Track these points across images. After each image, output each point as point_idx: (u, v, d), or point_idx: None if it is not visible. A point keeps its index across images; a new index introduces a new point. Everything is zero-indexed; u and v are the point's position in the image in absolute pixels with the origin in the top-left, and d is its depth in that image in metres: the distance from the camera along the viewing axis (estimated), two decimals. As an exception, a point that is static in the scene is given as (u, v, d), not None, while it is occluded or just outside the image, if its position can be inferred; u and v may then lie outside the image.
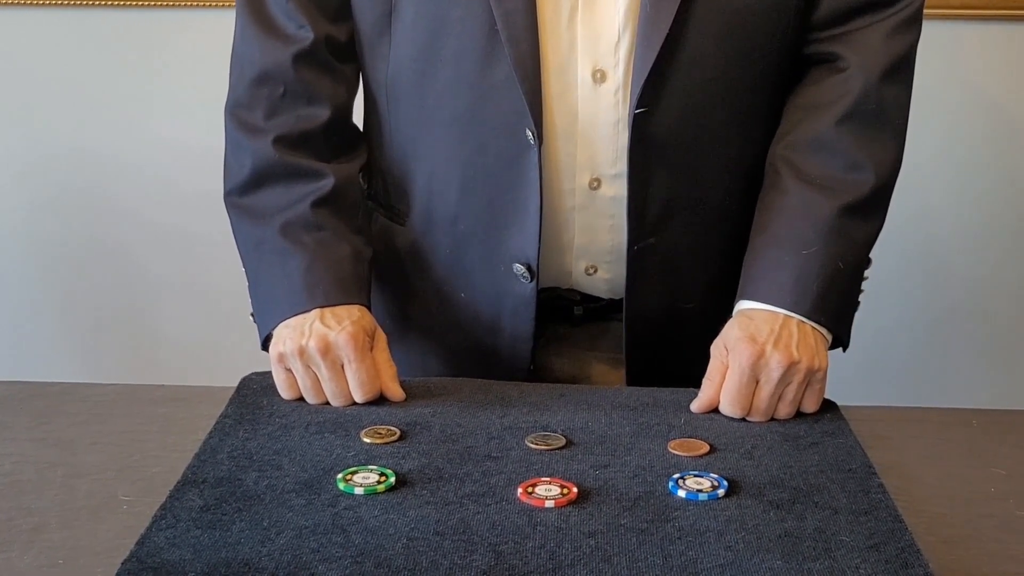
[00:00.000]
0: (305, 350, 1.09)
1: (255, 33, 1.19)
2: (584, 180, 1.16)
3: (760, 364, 1.07)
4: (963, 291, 2.20)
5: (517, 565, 0.82)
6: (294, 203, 1.16)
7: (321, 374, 1.09)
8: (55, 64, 2.14)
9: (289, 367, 1.10)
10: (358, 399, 1.09)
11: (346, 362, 1.09)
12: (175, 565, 0.81)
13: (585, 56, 1.11)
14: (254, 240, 1.18)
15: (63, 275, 2.24)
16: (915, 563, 0.83)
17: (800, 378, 1.07)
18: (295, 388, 1.11)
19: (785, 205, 1.15)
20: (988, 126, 2.11)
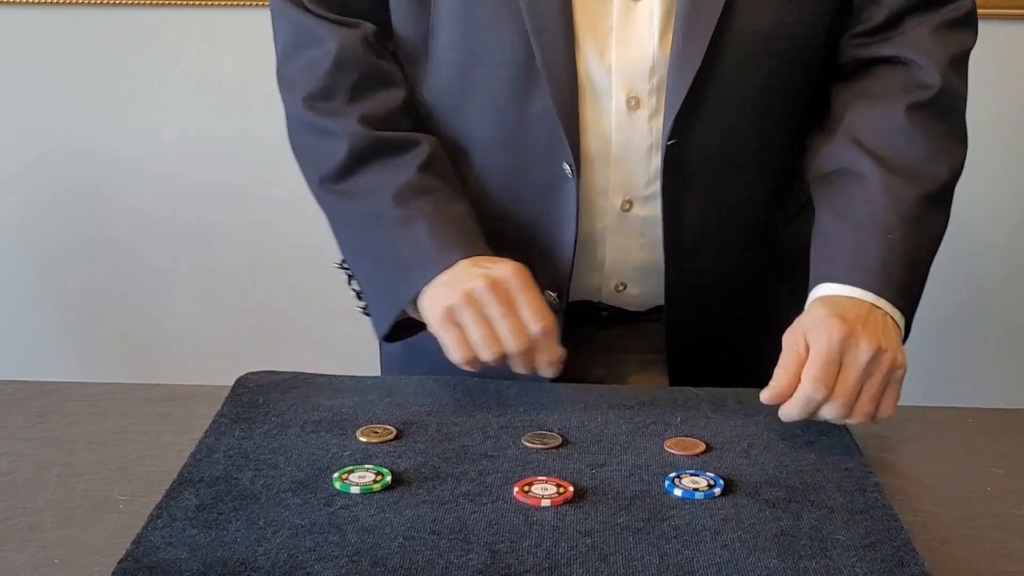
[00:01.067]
0: (472, 292, 1.04)
1: (318, 24, 1.16)
2: (616, 202, 1.16)
3: (849, 343, 0.99)
4: (961, 290, 2.20)
5: (513, 564, 0.82)
6: (399, 173, 1.13)
7: (493, 312, 1.04)
8: (52, 63, 2.14)
9: (459, 321, 1.05)
10: (536, 331, 1.04)
11: (517, 293, 1.04)
12: (171, 564, 0.81)
13: (620, 83, 1.11)
14: (367, 217, 1.13)
15: (59, 274, 2.24)
16: (911, 562, 0.83)
17: (884, 371, 1.00)
18: (467, 345, 1.05)
19: (865, 189, 1.10)
20: (988, 126, 2.11)
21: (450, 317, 1.05)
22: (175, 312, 2.25)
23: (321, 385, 1.13)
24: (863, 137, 1.13)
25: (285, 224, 2.20)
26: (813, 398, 0.98)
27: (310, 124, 1.17)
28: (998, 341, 2.23)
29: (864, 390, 1.00)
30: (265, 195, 2.19)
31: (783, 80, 1.14)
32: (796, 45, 1.13)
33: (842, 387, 0.99)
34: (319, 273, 2.24)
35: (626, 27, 1.10)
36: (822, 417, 1.00)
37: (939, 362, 2.24)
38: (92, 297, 2.25)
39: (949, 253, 2.18)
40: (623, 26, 1.10)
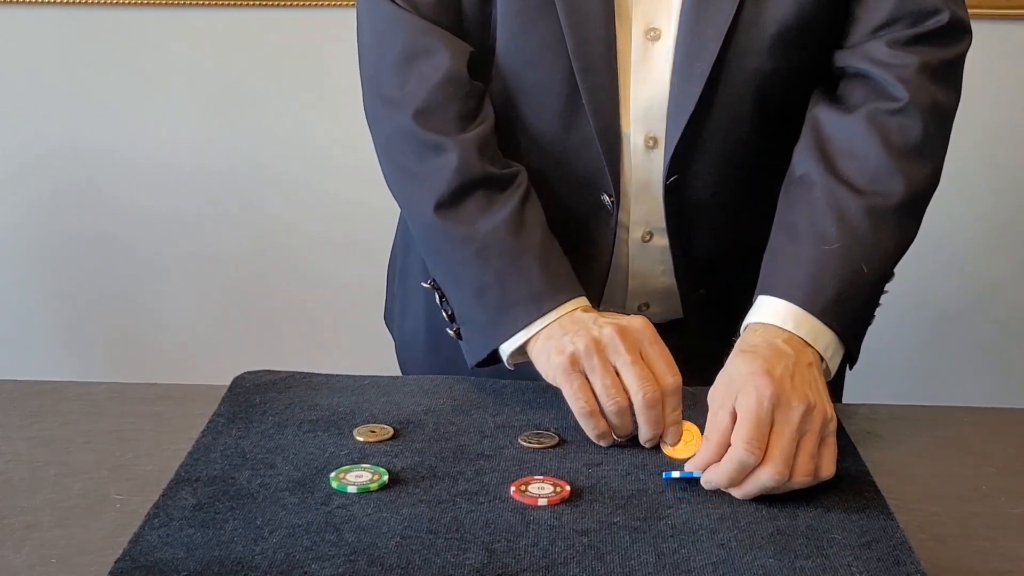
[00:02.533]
0: (600, 340, 1.00)
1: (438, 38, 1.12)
2: (637, 234, 1.18)
3: (780, 402, 0.94)
4: (957, 290, 2.21)
5: (510, 563, 0.82)
6: (505, 205, 1.10)
7: (622, 362, 1.00)
8: (49, 62, 2.14)
9: (583, 369, 1.00)
10: (667, 384, 1.00)
11: (648, 346, 1.01)
12: (168, 564, 0.81)
13: (638, 124, 1.13)
14: (473, 245, 1.09)
15: (56, 273, 2.24)
16: (907, 561, 0.83)
17: (817, 427, 0.94)
18: (591, 394, 1.00)
19: (811, 198, 1.07)
20: (987, 126, 2.11)
21: (575, 364, 1.01)
22: (172, 312, 2.25)
23: (318, 384, 1.13)
24: (823, 143, 1.11)
25: (284, 224, 2.20)
26: (746, 461, 0.91)
27: (423, 142, 1.11)
28: (993, 340, 2.23)
29: (800, 449, 0.93)
30: (263, 195, 2.19)
31: (785, 115, 1.14)
32: (797, 81, 1.13)
33: (778, 447, 0.92)
34: (317, 273, 2.24)
35: (644, 67, 1.12)
36: (760, 484, 0.92)
37: (934, 362, 2.24)
38: (88, 297, 2.25)
39: (945, 252, 2.20)
40: (641, 67, 1.12)
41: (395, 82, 1.13)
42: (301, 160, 2.16)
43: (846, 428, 1.06)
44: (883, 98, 1.09)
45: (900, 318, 2.22)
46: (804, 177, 1.10)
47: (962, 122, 2.22)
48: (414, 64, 1.12)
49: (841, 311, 1.03)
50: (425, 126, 1.11)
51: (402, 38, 1.13)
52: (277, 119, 2.15)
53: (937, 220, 2.15)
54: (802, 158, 1.11)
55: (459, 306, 1.13)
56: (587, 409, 1.00)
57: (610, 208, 1.15)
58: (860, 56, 1.11)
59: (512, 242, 1.08)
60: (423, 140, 1.11)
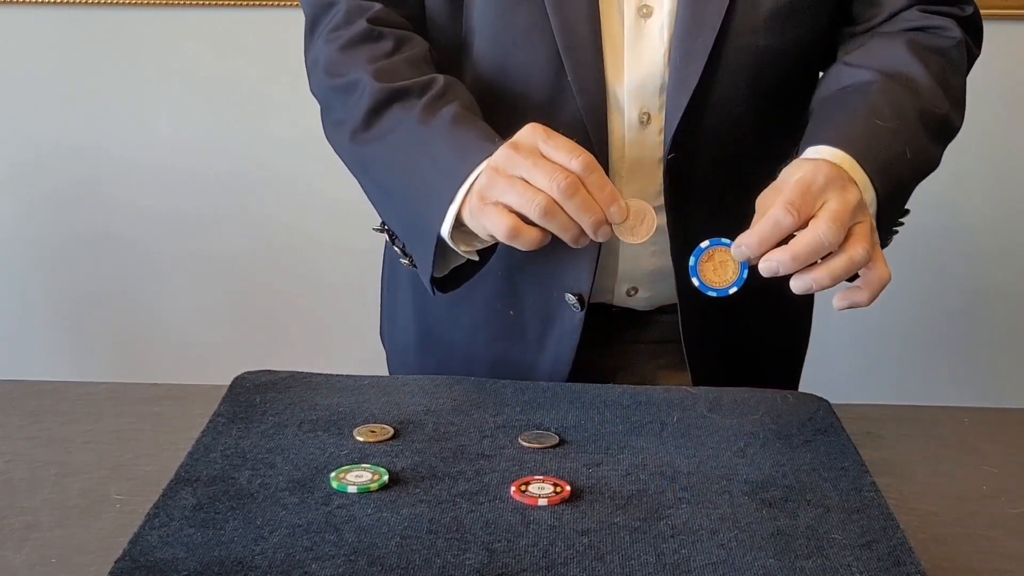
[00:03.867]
0: (495, 163, 0.96)
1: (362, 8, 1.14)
2: None
3: (836, 182, 0.93)
4: (956, 289, 2.21)
5: (510, 563, 0.82)
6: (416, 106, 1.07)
7: (523, 169, 0.95)
8: (47, 62, 2.14)
9: (495, 197, 0.96)
10: (576, 166, 0.95)
11: (541, 144, 0.96)
12: (168, 564, 0.81)
13: (632, 99, 1.13)
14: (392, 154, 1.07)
15: (56, 273, 2.24)
16: (907, 561, 0.83)
17: (866, 227, 0.94)
18: (509, 213, 0.95)
19: (863, 90, 1.07)
20: (987, 126, 2.11)
21: (483, 197, 0.97)
22: (172, 312, 2.25)
23: (318, 384, 1.13)
24: (864, 60, 1.11)
25: (283, 223, 2.20)
26: (781, 221, 0.90)
27: (335, 88, 1.13)
28: (994, 340, 2.23)
29: (853, 230, 0.92)
30: (261, 193, 2.19)
31: (783, 93, 1.14)
32: (795, 59, 1.14)
33: (827, 211, 0.90)
34: (317, 273, 2.24)
35: (637, 44, 1.12)
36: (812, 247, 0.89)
37: (934, 362, 2.24)
38: (89, 297, 2.25)
39: (945, 252, 2.20)
40: (634, 43, 1.12)
41: (319, 52, 1.15)
42: (301, 160, 2.16)
43: (846, 428, 1.06)
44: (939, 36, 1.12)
45: (900, 318, 2.22)
46: (851, 84, 1.09)
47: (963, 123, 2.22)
48: (337, 33, 1.13)
49: (887, 179, 1.01)
50: (338, 73, 1.11)
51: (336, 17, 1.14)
52: (277, 119, 2.15)
53: (938, 220, 2.16)
54: (838, 74, 1.12)
55: (397, 229, 1.11)
56: (509, 227, 0.95)
57: None
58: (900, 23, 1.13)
59: (419, 132, 1.05)
60: (336, 86, 1.12)
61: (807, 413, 1.09)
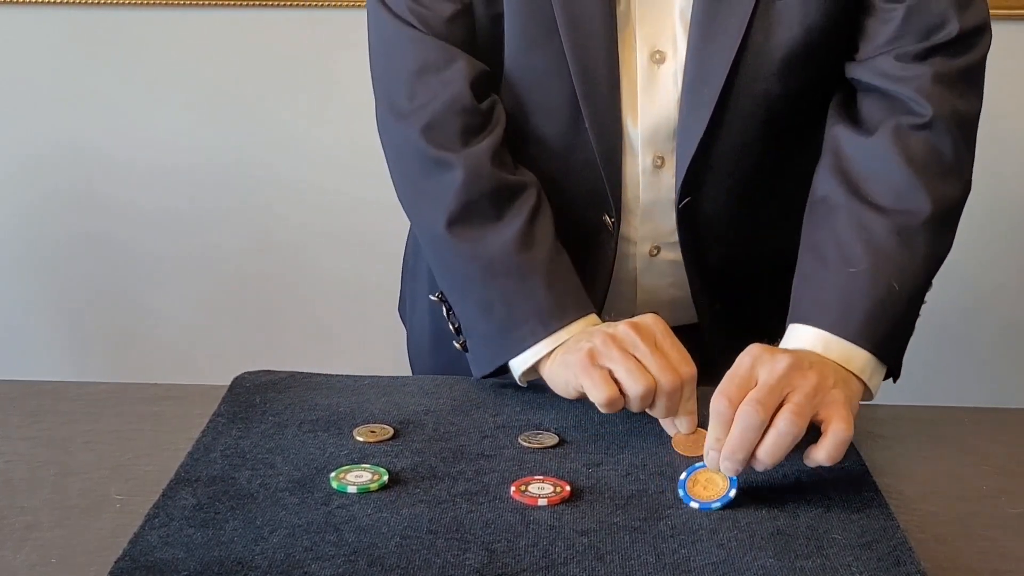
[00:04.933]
0: (616, 335, 1.00)
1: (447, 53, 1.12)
2: (645, 249, 1.19)
3: (764, 358, 0.93)
4: (956, 289, 2.20)
5: (510, 563, 0.82)
6: (513, 221, 1.10)
7: (641, 352, 0.99)
8: (44, 62, 2.14)
9: (602, 362, 1.00)
10: (685, 374, 0.99)
11: (663, 338, 1.01)
12: (168, 564, 0.81)
13: (647, 144, 1.13)
14: (480, 261, 1.10)
15: (55, 274, 2.24)
16: (907, 560, 0.83)
17: (809, 386, 0.92)
18: (612, 382, 0.99)
19: (835, 220, 1.07)
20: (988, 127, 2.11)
21: (593, 359, 1.00)
22: (171, 312, 2.25)
23: (318, 384, 1.13)
24: (844, 163, 1.09)
25: (284, 224, 2.20)
26: (722, 415, 0.91)
27: (431, 157, 1.12)
28: (993, 340, 2.23)
29: (787, 399, 0.92)
30: (260, 193, 2.19)
31: (795, 133, 1.14)
32: (808, 104, 1.13)
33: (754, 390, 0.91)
34: (317, 273, 2.24)
35: (650, 89, 1.12)
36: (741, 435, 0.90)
37: (934, 361, 2.24)
38: (88, 297, 2.25)
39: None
40: (648, 89, 1.12)
41: (405, 94, 1.13)
42: (300, 159, 2.16)
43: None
44: (906, 114, 1.08)
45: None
46: (826, 199, 1.09)
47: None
48: (423, 78, 1.12)
49: (874, 331, 1.02)
50: (432, 141, 1.11)
51: (412, 53, 1.13)
52: (277, 119, 2.15)
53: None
54: (823, 179, 1.10)
55: (465, 320, 1.13)
56: (609, 396, 0.99)
57: (611, 228, 1.15)
58: (871, 71, 1.10)
59: (518, 260, 1.08)
60: (430, 156, 1.11)
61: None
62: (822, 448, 0.92)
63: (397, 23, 1.13)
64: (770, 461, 0.91)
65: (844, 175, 1.08)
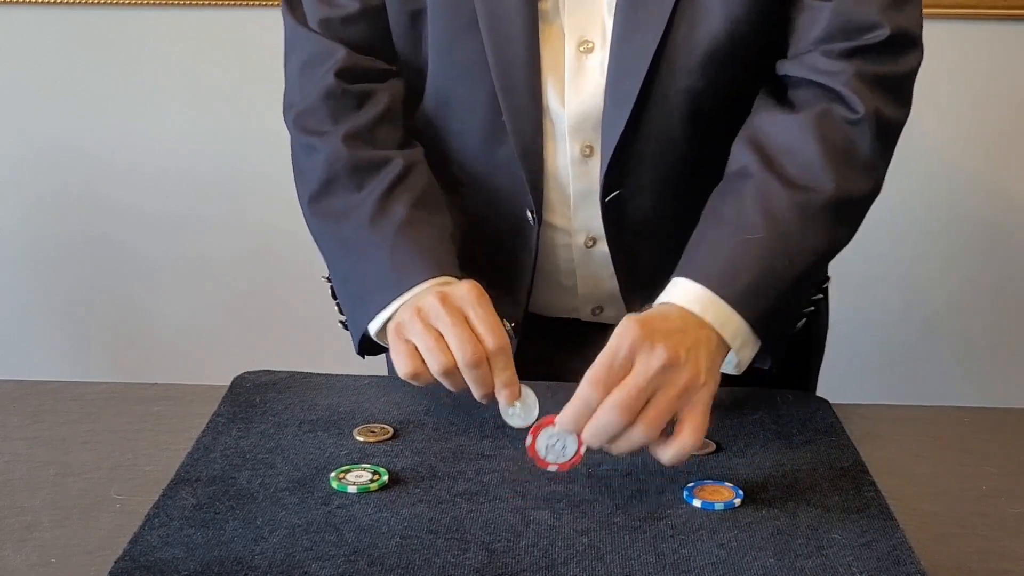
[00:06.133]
0: (422, 307, 1.01)
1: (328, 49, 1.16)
2: (580, 241, 1.18)
3: (643, 347, 0.91)
4: (955, 289, 2.21)
5: (510, 563, 0.82)
6: (368, 197, 1.11)
7: (443, 325, 0.99)
8: (43, 63, 2.14)
9: (407, 336, 1.01)
10: (490, 345, 0.98)
11: (470, 308, 1.00)
12: (168, 563, 0.81)
13: (574, 133, 1.12)
14: (338, 238, 1.13)
15: (55, 274, 2.24)
16: (907, 560, 0.83)
17: (679, 384, 0.92)
18: (415, 356, 1.00)
19: (742, 189, 1.05)
20: (985, 126, 2.11)
21: (399, 332, 1.02)
22: (171, 312, 2.25)
23: (318, 384, 1.14)
24: (760, 137, 1.08)
25: (281, 223, 2.20)
26: (588, 401, 0.90)
27: (300, 143, 1.18)
28: (994, 340, 2.23)
29: (651, 402, 0.91)
30: (260, 194, 2.19)
31: (722, 127, 1.12)
32: (733, 99, 1.12)
33: (620, 390, 0.90)
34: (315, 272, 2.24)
35: (577, 79, 1.11)
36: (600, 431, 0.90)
37: (934, 361, 2.24)
38: (87, 297, 2.25)
39: (944, 252, 2.20)
40: (575, 77, 1.11)
41: (296, 90, 1.19)
42: (301, 160, 2.16)
43: (846, 428, 1.06)
44: (839, 104, 1.06)
45: (900, 318, 2.22)
46: (741, 170, 1.07)
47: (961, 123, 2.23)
48: (305, 73, 1.17)
49: (756, 301, 1.00)
50: (303, 128, 1.16)
51: (301, 51, 1.18)
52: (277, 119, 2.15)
53: (937, 220, 2.16)
54: (740, 153, 1.09)
55: (337, 295, 1.18)
56: (410, 371, 1.00)
57: (532, 222, 1.14)
58: (801, 66, 1.09)
59: (368, 232, 1.10)
60: (301, 143, 1.17)
61: (807, 413, 1.09)
62: (668, 449, 0.92)
63: (293, 23, 1.18)
64: (616, 453, 0.93)
65: (759, 148, 1.07)
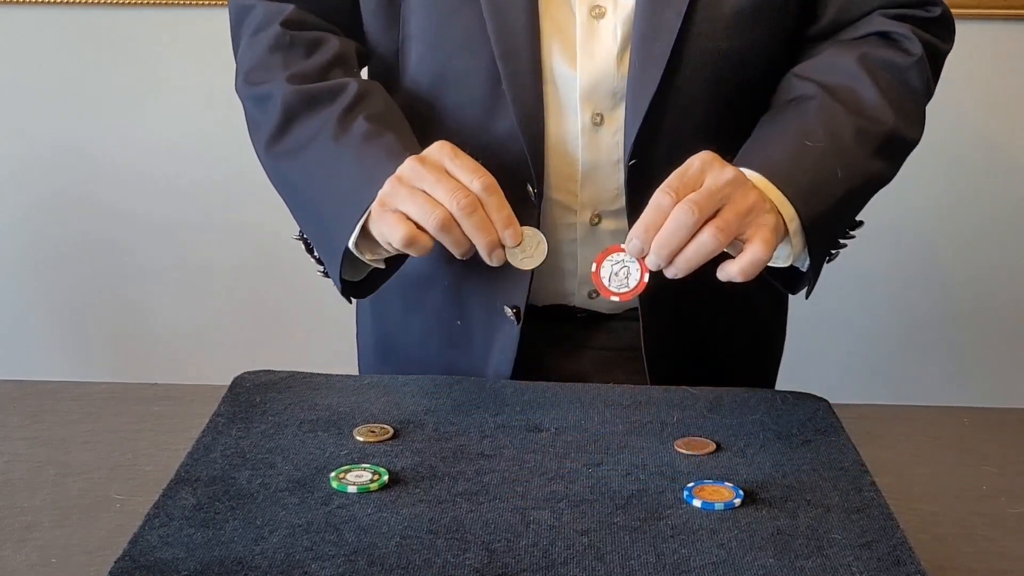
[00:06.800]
0: (400, 175, 0.99)
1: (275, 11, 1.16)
2: (585, 217, 1.17)
3: (713, 166, 0.96)
4: (955, 289, 2.21)
5: (510, 563, 0.82)
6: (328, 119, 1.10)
7: (427, 183, 0.99)
8: (41, 64, 2.14)
9: (395, 206, 0.99)
10: (477, 186, 0.99)
11: (448, 161, 1.00)
12: (168, 564, 0.81)
13: (586, 102, 1.12)
14: (304, 170, 1.11)
15: (55, 274, 2.24)
16: (907, 560, 0.83)
17: (747, 202, 0.96)
18: (407, 221, 0.99)
19: (803, 106, 1.09)
20: (985, 126, 2.11)
21: (384, 203, 1.00)
22: (171, 312, 2.25)
23: (318, 384, 1.14)
24: (811, 72, 1.12)
25: (281, 223, 2.19)
26: (660, 205, 0.94)
27: (251, 97, 1.16)
28: (994, 340, 2.23)
29: (721, 212, 0.95)
30: (260, 194, 2.18)
31: (745, 96, 1.13)
32: (758, 62, 1.13)
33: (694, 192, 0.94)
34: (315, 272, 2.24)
35: (589, 44, 1.11)
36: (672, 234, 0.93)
37: (934, 361, 2.24)
38: (87, 297, 2.25)
39: (944, 252, 2.20)
40: (586, 43, 1.11)
41: (244, 59, 1.18)
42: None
43: (846, 428, 1.06)
44: (896, 49, 1.11)
45: (900, 318, 2.22)
46: (802, 96, 1.10)
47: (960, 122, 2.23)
48: (256, 37, 1.16)
49: (810, 202, 1.03)
50: (252, 81, 1.15)
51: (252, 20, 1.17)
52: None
53: (937, 220, 2.16)
54: (799, 84, 1.12)
55: (312, 237, 1.14)
56: (405, 235, 0.98)
57: (532, 198, 1.13)
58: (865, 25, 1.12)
59: (332, 151, 1.08)
60: (252, 95, 1.15)
61: (807, 413, 1.09)
62: (737, 263, 0.94)
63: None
64: (684, 268, 0.94)
65: (820, 82, 1.10)
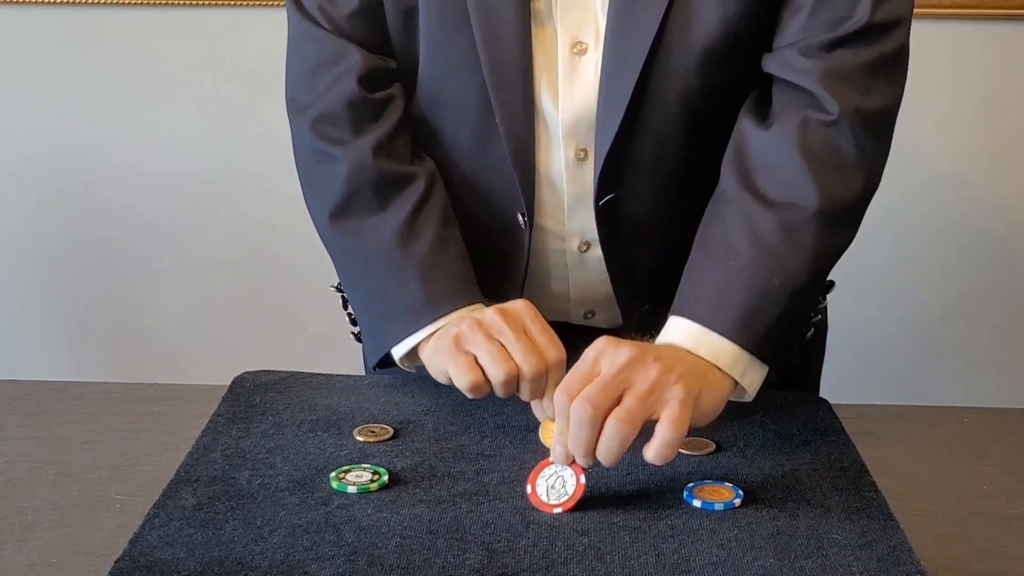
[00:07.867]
0: (483, 320, 1.01)
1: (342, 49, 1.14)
2: (573, 245, 1.17)
3: (607, 351, 0.93)
4: (955, 289, 2.21)
5: (510, 563, 0.82)
6: (395, 215, 1.11)
7: (506, 338, 1.00)
8: (40, 64, 2.14)
9: (467, 348, 1.00)
10: (551, 358, 0.99)
11: (530, 323, 1.01)
12: (168, 564, 0.81)
13: (568, 138, 1.12)
14: (363, 255, 1.12)
15: (55, 274, 2.24)
16: (907, 560, 0.83)
17: (647, 382, 0.92)
18: (476, 368, 0.99)
19: (724, 212, 1.05)
20: (985, 126, 2.11)
21: (459, 344, 1.01)
22: (171, 312, 2.25)
23: (318, 384, 1.14)
24: (742, 155, 1.08)
25: (281, 223, 2.20)
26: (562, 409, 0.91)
27: (315, 150, 1.14)
28: (992, 340, 2.23)
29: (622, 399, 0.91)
30: (260, 193, 2.19)
31: (718, 127, 1.11)
32: (724, 100, 1.11)
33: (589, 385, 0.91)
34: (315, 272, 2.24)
35: (571, 81, 1.10)
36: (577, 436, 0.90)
37: (933, 361, 2.24)
38: (87, 297, 2.25)
39: (944, 252, 2.20)
40: (568, 80, 1.10)
41: (302, 90, 1.16)
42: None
43: (846, 428, 1.06)
44: (815, 109, 1.05)
45: (900, 318, 2.22)
46: (723, 192, 1.07)
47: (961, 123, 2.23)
48: (318, 74, 1.14)
49: (749, 327, 1.00)
50: (320, 135, 1.13)
51: (310, 50, 1.15)
52: (277, 119, 2.14)
53: (936, 220, 2.16)
54: (724, 172, 1.09)
55: (355, 310, 1.16)
56: (472, 382, 0.99)
57: (523, 227, 1.13)
58: (780, 63, 1.08)
59: (396, 254, 1.09)
60: (318, 149, 1.14)
61: (807, 413, 1.09)
62: (650, 450, 0.91)
63: (300, 19, 1.16)
64: (606, 462, 0.91)
65: (740, 167, 1.07)
